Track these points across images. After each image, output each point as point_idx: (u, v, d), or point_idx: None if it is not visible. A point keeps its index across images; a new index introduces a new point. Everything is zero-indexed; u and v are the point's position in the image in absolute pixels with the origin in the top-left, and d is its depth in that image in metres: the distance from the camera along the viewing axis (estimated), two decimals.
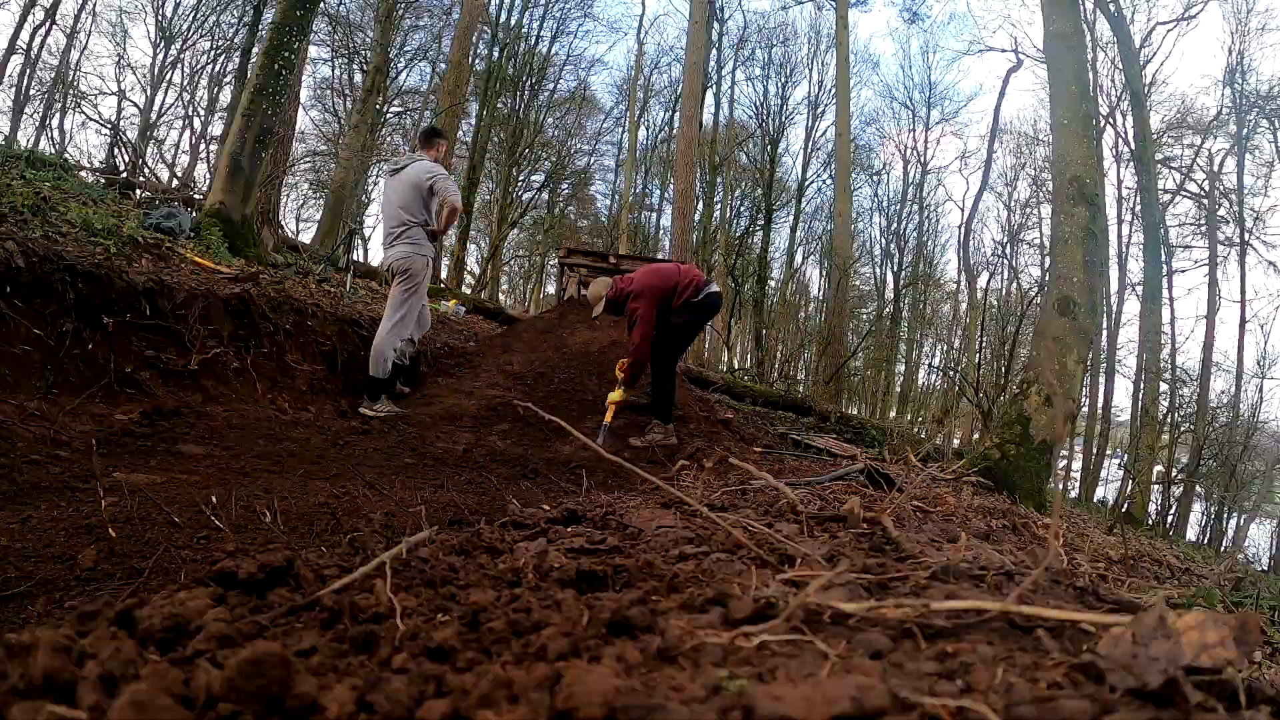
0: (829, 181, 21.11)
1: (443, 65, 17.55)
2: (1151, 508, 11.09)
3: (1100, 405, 16.51)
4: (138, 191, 7.91)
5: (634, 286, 4.46)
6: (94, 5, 19.03)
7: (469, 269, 19.92)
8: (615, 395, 4.48)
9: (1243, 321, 16.58)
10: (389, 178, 4.43)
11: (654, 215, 26.55)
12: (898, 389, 23.39)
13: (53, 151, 8.93)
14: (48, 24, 16.89)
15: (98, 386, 2.97)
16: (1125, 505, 9.85)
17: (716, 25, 19.19)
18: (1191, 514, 14.06)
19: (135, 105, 19.77)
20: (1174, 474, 12.16)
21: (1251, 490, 15.70)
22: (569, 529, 1.30)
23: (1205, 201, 17.10)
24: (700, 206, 18.73)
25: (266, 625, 0.62)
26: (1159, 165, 15.76)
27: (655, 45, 34.49)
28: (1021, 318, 12.22)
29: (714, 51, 19.25)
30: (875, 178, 25.51)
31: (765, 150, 21.71)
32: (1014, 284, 21.90)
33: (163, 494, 1.80)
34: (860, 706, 0.43)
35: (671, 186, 17.36)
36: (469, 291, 16.12)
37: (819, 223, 24.51)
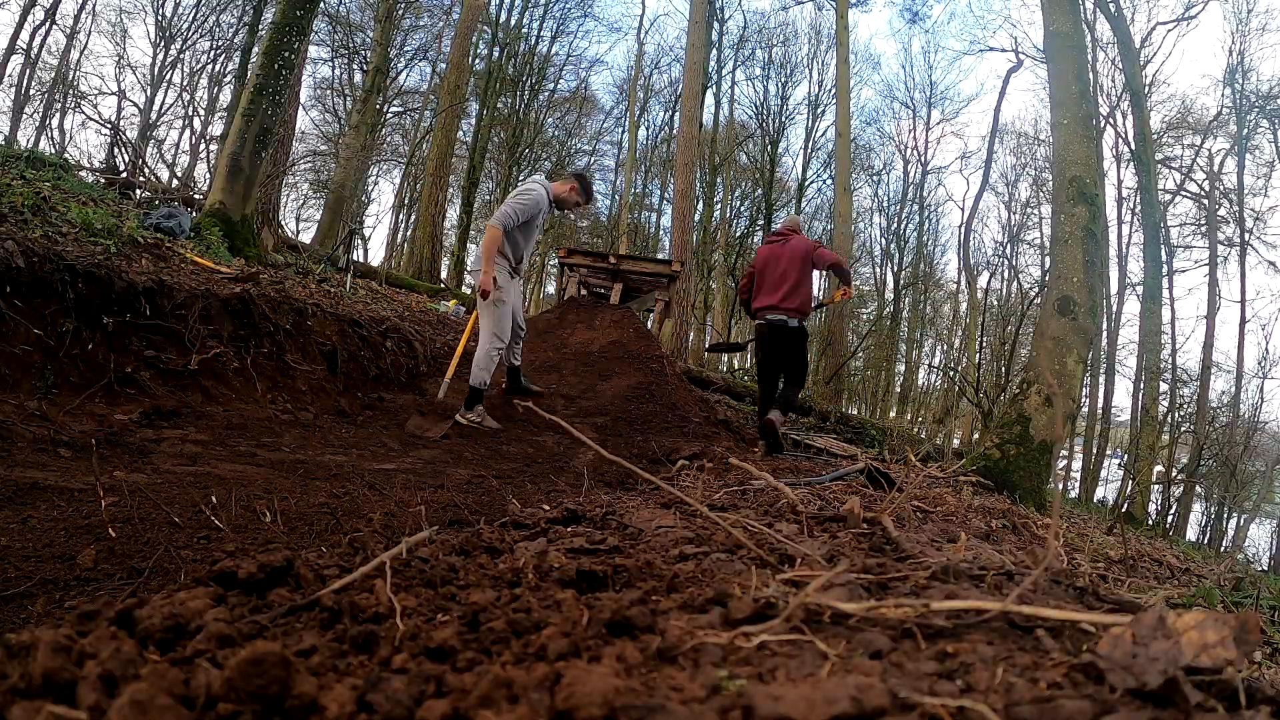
0: (829, 181, 21.13)
1: (443, 65, 17.57)
2: (1151, 508, 11.10)
3: (1100, 405, 16.53)
4: (138, 191, 7.91)
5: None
6: (94, 5, 19.06)
7: (469, 269, 19.92)
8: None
9: (1243, 321, 16.60)
10: None
11: (654, 215, 26.59)
12: (898, 389, 23.40)
13: (53, 151, 8.93)
14: (48, 24, 16.92)
15: (98, 386, 2.97)
16: (1125, 505, 9.85)
17: (716, 25, 19.20)
18: (1191, 514, 14.07)
19: (135, 105, 19.81)
20: (1174, 474, 12.16)
21: (1251, 490, 15.71)
22: (569, 529, 1.30)
23: (1205, 201, 17.10)
24: (700, 206, 18.73)
25: (266, 625, 0.62)
26: (1159, 165, 15.76)
27: (655, 45, 34.57)
28: (1021, 318, 12.23)
29: (714, 51, 19.26)
30: (875, 178, 25.53)
31: (765, 150, 21.73)
32: (1014, 284, 21.93)
33: (163, 494, 1.80)
34: (860, 706, 0.43)
35: (671, 186, 17.36)
36: (469, 292, 16.11)
37: (819, 223, 24.51)
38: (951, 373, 17.90)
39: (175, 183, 10.92)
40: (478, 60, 18.00)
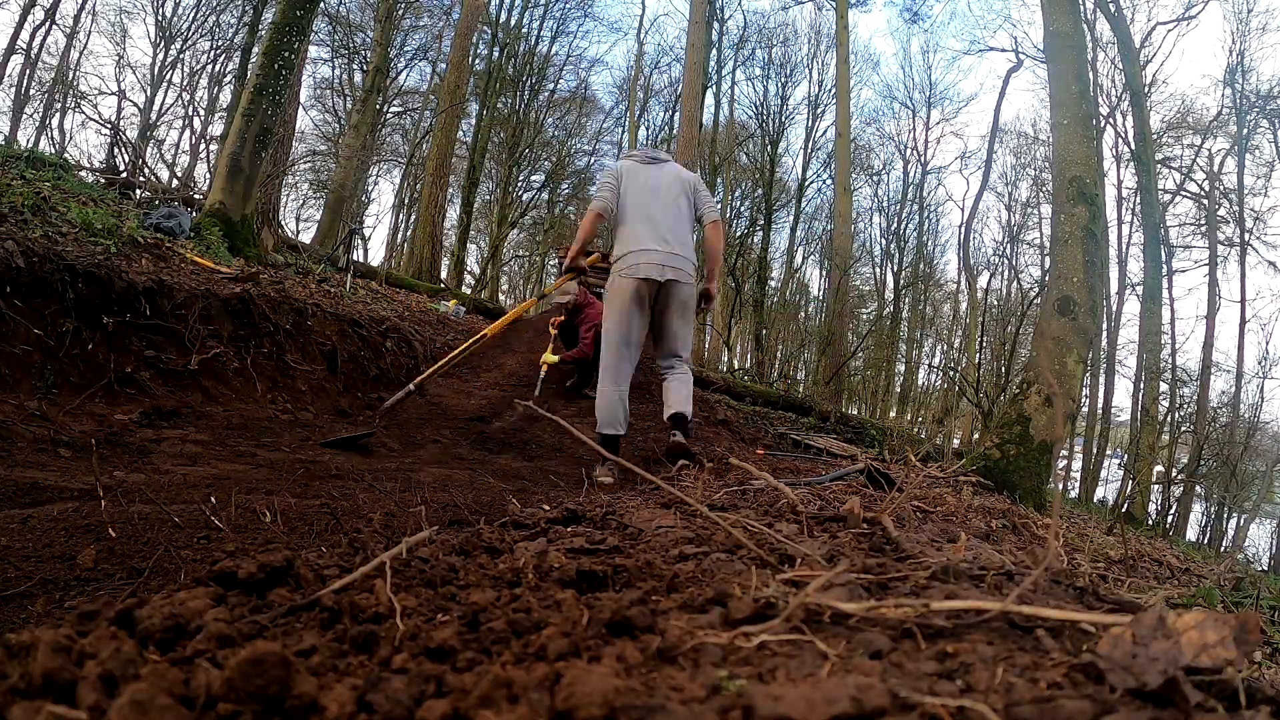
0: (829, 181, 21.10)
1: (443, 65, 17.57)
2: (1151, 508, 11.09)
3: (1100, 405, 16.52)
4: (138, 191, 7.91)
5: None
6: (94, 5, 19.05)
7: (469, 269, 19.94)
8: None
9: (1243, 321, 16.59)
10: (644, 164, 3.67)
11: None
12: (898, 389, 23.39)
13: (53, 151, 8.93)
14: (48, 24, 16.91)
15: (98, 386, 2.97)
16: (1125, 505, 9.85)
17: (716, 25, 19.18)
18: (1191, 514, 14.07)
19: (135, 105, 19.80)
20: (1174, 474, 12.16)
21: (1251, 490, 15.71)
22: (569, 529, 1.30)
23: (1205, 201, 17.10)
24: None
25: (266, 625, 0.62)
26: (1159, 165, 15.76)
27: (655, 45, 34.54)
28: (1021, 318, 12.23)
29: (714, 51, 19.23)
30: (875, 178, 25.50)
31: (765, 150, 21.69)
32: (1014, 284, 21.93)
33: (163, 494, 1.80)
34: (860, 706, 0.43)
35: None
36: (469, 291, 16.13)
37: (819, 223, 24.50)
38: (951, 373, 17.91)
39: (175, 183, 10.92)
40: (478, 60, 17.99)
